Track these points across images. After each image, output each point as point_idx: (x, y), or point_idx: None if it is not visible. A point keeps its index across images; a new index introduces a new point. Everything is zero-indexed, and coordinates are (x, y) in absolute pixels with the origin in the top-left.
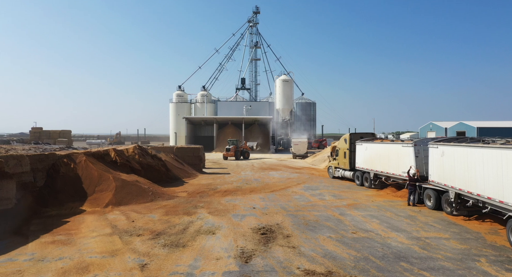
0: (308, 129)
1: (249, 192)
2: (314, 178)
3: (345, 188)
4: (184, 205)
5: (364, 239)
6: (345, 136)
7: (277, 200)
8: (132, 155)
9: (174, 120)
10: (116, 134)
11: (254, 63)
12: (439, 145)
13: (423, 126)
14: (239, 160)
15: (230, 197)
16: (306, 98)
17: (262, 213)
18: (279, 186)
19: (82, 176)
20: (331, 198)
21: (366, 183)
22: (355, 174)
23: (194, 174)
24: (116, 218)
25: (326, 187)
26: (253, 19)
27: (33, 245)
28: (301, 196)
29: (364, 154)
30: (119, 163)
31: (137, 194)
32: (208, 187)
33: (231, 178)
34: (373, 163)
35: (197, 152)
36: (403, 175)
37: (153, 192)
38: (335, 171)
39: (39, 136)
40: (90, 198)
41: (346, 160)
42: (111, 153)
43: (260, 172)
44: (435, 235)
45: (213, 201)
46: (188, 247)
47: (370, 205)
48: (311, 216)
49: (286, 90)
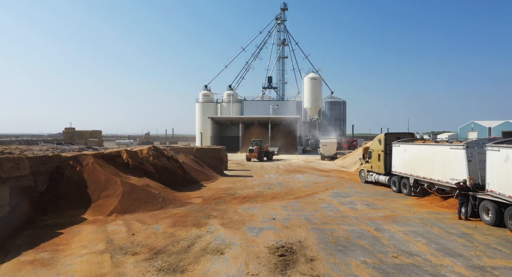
0: (337, 129)
1: (270, 199)
2: (344, 182)
3: (379, 195)
4: (195, 214)
5: (409, 267)
6: (380, 137)
7: (301, 209)
8: (146, 157)
9: (200, 120)
10: (145, 134)
11: (281, 61)
12: (502, 147)
13: (463, 126)
14: (263, 161)
15: (248, 205)
16: (336, 97)
17: (282, 225)
18: (305, 191)
19: (88, 179)
20: (364, 207)
21: (404, 189)
22: (391, 179)
23: (214, 176)
24: (116, 230)
25: (358, 194)
26: (280, 16)
27: (7, 266)
28: (329, 204)
29: (402, 157)
30: (131, 165)
31: (146, 200)
32: (226, 192)
33: (253, 182)
34: (413, 167)
35: (218, 153)
36: (451, 182)
37: (164, 198)
38: (367, 175)
39: (72, 137)
40: (94, 205)
41: (381, 163)
42: (123, 154)
43: (285, 174)
44: (504, 263)
45: (229, 209)
46: (188, 272)
47: (412, 217)
48: (340, 231)
49: (314, 88)
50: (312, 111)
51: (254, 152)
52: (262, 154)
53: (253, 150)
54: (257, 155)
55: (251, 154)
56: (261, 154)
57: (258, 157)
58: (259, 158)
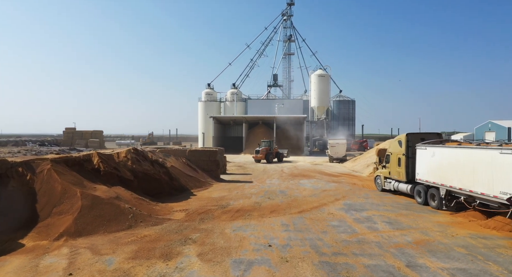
0: (346, 129)
1: (269, 213)
2: (357, 190)
3: (402, 207)
4: (170, 237)
5: None
6: (400, 138)
7: (306, 228)
8: (124, 161)
9: (202, 120)
10: (149, 134)
11: (287, 58)
12: None
13: (480, 125)
14: (271, 163)
15: (240, 222)
16: (344, 95)
17: (280, 258)
18: (311, 202)
19: (39, 191)
20: (386, 226)
21: (432, 201)
22: (415, 188)
23: (208, 182)
24: (52, 265)
25: (375, 206)
26: (287, 12)
27: None
28: (341, 222)
29: (430, 162)
30: (103, 171)
31: (111, 217)
32: (217, 203)
33: (252, 189)
34: (445, 175)
35: (214, 156)
36: (501, 196)
37: (135, 214)
38: (384, 182)
39: (72, 137)
40: (42, 224)
41: (402, 169)
42: (94, 158)
43: (289, 180)
44: None
45: (215, 228)
46: None
47: (452, 244)
48: (359, 269)
49: (322, 86)
50: (319, 110)
51: (261, 153)
52: (271, 156)
53: (260, 151)
54: (264, 156)
55: (257, 155)
56: (269, 155)
57: (265, 158)
58: (267, 159)
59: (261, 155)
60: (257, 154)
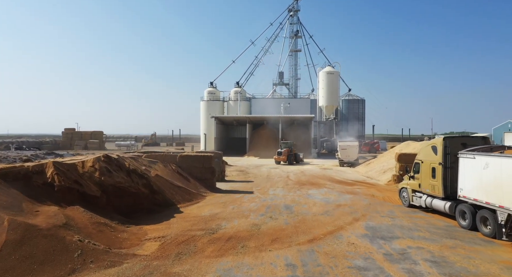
0: (355, 130)
1: (269, 243)
2: (378, 204)
3: (443, 234)
4: None
5: None
6: (435, 143)
7: (320, 273)
8: (90, 172)
9: (205, 121)
10: (151, 135)
11: (294, 55)
12: None
13: (498, 126)
14: (292, 165)
15: (230, 259)
16: (354, 94)
17: None
18: (324, 224)
19: None
20: (432, 269)
21: (484, 228)
22: (457, 207)
23: (201, 194)
24: None
25: (408, 231)
26: (293, 7)
27: None
28: (368, 261)
29: (480, 175)
30: (58, 186)
31: (46, 257)
32: (205, 226)
33: (251, 203)
34: (505, 194)
35: (208, 162)
36: None
37: (85, 250)
38: (412, 197)
39: (71, 138)
40: None
41: (437, 182)
42: (48, 169)
43: (296, 190)
44: None
45: (192, 273)
46: None
47: None
48: None
49: (331, 84)
50: (328, 109)
51: (283, 155)
52: (292, 157)
53: (282, 153)
54: (286, 158)
55: (279, 157)
56: (291, 157)
57: (287, 160)
58: (289, 161)
59: (283, 157)
60: (279, 155)
